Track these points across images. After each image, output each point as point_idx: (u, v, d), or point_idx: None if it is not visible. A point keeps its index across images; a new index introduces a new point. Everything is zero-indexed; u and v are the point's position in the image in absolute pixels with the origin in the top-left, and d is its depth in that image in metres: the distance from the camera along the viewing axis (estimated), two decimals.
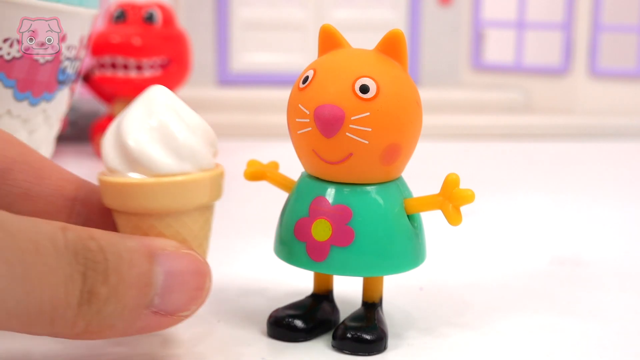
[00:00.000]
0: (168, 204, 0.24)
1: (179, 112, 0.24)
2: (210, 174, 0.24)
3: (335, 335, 0.26)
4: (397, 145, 0.25)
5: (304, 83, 0.26)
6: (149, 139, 0.24)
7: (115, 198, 0.24)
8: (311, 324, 0.27)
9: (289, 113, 0.26)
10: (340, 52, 0.26)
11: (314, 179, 0.27)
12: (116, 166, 0.24)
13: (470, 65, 0.86)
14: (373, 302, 0.27)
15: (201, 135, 0.25)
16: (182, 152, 0.24)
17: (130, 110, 0.25)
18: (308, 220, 0.26)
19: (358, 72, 0.25)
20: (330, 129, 0.25)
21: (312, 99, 0.25)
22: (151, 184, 0.23)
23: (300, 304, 0.28)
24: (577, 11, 0.82)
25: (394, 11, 0.85)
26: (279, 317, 0.27)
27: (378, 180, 0.26)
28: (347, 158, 0.25)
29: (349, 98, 0.24)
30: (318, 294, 0.28)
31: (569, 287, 0.34)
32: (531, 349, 0.27)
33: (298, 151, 0.27)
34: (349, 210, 0.26)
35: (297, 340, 0.27)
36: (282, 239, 0.27)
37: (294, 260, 0.26)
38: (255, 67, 0.84)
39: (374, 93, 0.25)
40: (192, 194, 0.24)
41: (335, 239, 0.25)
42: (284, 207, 0.28)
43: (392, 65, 0.26)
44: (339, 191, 0.26)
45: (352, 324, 0.26)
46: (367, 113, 0.24)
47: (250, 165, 0.29)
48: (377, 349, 0.26)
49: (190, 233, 0.24)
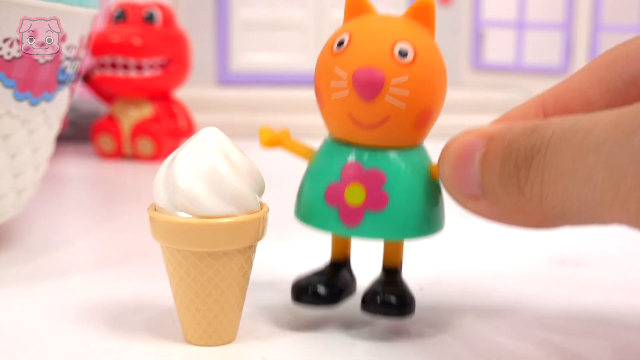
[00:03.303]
0: (211, 244, 0.25)
1: (229, 155, 0.26)
2: (253, 217, 0.25)
3: (364, 300, 0.26)
4: (429, 109, 0.26)
5: (340, 46, 0.26)
6: (198, 182, 0.25)
7: (162, 234, 0.25)
8: (334, 290, 0.27)
9: (320, 77, 0.26)
10: (373, 17, 0.26)
11: (342, 143, 0.27)
12: (165, 204, 0.25)
13: (470, 65, 0.86)
14: (395, 267, 0.28)
15: (248, 178, 0.26)
16: (229, 196, 0.25)
17: (182, 150, 0.26)
18: (340, 184, 0.26)
19: (395, 36, 0.25)
20: (370, 92, 0.25)
21: (350, 62, 0.25)
22: (196, 224, 0.25)
23: (321, 271, 0.28)
24: (577, 11, 0.82)
25: (394, 11, 0.85)
26: (303, 284, 0.27)
27: (407, 145, 0.26)
28: (383, 122, 0.25)
29: (389, 61, 0.25)
30: (336, 261, 0.29)
31: (569, 287, 0.34)
32: (531, 349, 0.27)
33: (330, 115, 0.26)
34: (382, 174, 0.26)
35: (321, 305, 0.27)
36: (309, 205, 0.27)
37: (324, 225, 0.26)
38: (255, 67, 0.84)
39: (411, 57, 0.25)
40: (235, 236, 0.25)
41: (369, 202, 0.26)
42: (308, 172, 0.27)
43: (424, 32, 0.26)
44: (372, 155, 0.26)
45: (379, 289, 0.27)
46: (406, 77, 0.25)
47: (263, 133, 0.29)
48: (408, 312, 0.26)
49: (231, 272, 0.26)
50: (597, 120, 0.20)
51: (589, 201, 0.20)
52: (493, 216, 0.23)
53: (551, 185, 0.21)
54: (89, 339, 0.27)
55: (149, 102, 0.62)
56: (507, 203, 0.22)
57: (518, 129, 0.22)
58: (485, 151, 0.23)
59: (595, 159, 0.19)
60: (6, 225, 0.41)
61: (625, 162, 0.19)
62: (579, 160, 0.20)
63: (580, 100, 0.27)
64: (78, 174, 0.57)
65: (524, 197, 0.22)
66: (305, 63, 0.84)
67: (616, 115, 0.19)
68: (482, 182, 0.23)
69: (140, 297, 0.31)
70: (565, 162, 0.20)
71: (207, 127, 0.26)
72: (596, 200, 0.19)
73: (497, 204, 0.23)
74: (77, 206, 0.50)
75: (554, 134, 0.21)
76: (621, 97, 0.26)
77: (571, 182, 0.20)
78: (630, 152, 0.18)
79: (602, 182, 0.19)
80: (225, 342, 0.27)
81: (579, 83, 0.27)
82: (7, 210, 0.36)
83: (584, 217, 0.21)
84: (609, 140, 0.19)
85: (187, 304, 0.26)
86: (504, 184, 0.22)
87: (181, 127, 0.63)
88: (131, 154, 0.62)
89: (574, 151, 0.20)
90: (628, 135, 0.19)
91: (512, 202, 0.22)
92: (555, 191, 0.21)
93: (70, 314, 0.29)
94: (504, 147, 0.22)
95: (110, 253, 0.38)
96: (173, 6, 0.71)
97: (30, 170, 0.36)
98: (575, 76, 0.27)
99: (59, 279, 0.33)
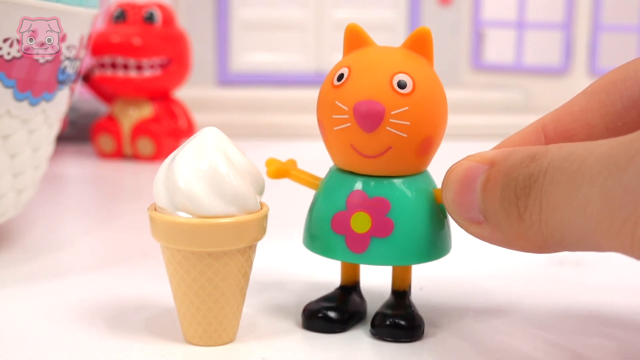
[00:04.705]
0: (211, 244, 0.25)
1: (229, 155, 0.26)
2: (253, 217, 0.26)
3: (373, 323, 0.27)
4: (431, 137, 0.26)
5: (340, 80, 0.26)
6: (198, 182, 0.25)
7: (162, 234, 0.25)
8: (345, 315, 0.28)
9: (322, 110, 0.27)
10: (371, 50, 0.27)
11: (347, 173, 0.27)
12: (165, 204, 0.25)
13: (470, 65, 0.86)
14: (403, 290, 0.28)
15: (248, 178, 0.26)
16: (229, 196, 0.25)
17: (182, 150, 0.26)
18: (346, 213, 0.27)
19: (394, 68, 0.26)
20: (371, 124, 0.25)
21: (350, 95, 0.26)
22: (196, 224, 0.25)
23: (331, 296, 0.29)
24: (577, 11, 0.82)
25: (394, 11, 0.85)
26: (314, 310, 0.28)
27: (411, 172, 0.27)
28: (386, 151, 0.26)
29: (388, 93, 0.25)
30: (346, 285, 0.29)
31: (569, 288, 0.34)
32: (530, 349, 0.27)
33: (333, 147, 0.27)
34: (387, 202, 0.26)
35: (333, 331, 0.27)
36: (316, 233, 0.28)
37: (331, 254, 0.27)
38: (255, 67, 0.84)
39: (410, 88, 0.25)
40: (235, 236, 0.25)
41: (375, 230, 0.26)
42: (315, 202, 0.28)
43: (422, 62, 0.27)
44: (377, 184, 0.27)
45: (388, 312, 0.27)
46: (406, 107, 0.25)
47: (270, 164, 0.29)
48: (417, 335, 0.27)
49: (231, 272, 0.26)
50: (591, 150, 0.20)
51: (585, 230, 0.20)
52: (496, 241, 0.24)
53: (549, 213, 0.21)
54: (89, 339, 0.27)
55: (149, 102, 0.62)
56: (508, 229, 0.23)
57: (517, 157, 0.23)
58: (486, 178, 0.23)
59: (590, 190, 0.20)
60: (6, 225, 0.41)
61: (619, 194, 0.19)
62: (575, 191, 0.20)
63: (580, 124, 0.27)
64: (78, 174, 0.57)
65: (524, 224, 0.22)
66: (305, 63, 0.84)
67: (609, 147, 0.20)
68: (484, 208, 0.23)
69: (140, 297, 0.31)
70: (561, 192, 0.21)
71: (207, 127, 0.26)
72: (592, 230, 0.20)
73: (500, 230, 0.23)
74: (77, 206, 0.50)
75: (551, 162, 0.21)
76: (621, 121, 0.26)
77: (568, 211, 0.21)
78: (622, 185, 0.19)
79: (597, 212, 0.20)
80: (225, 342, 0.27)
81: (578, 107, 0.27)
82: (7, 210, 0.36)
83: (582, 244, 0.21)
84: (603, 173, 0.19)
85: (187, 304, 0.26)
86: (505, 211, 0.23)
87: (181, 127, 0.63)
88: (131, 154, 0.62)
89: (570, 181, 0.20)
90: (621, 168, 0.19)
91: (513, 228, 0.23)
92: (554, 219, 0.21)
93: (70, 314, 0.29)
94: (504, 175, 0.23)
95: (110, 253, 0.38)
96: (173, 6, 0.71)
97: (30, 170, 0.36)
98: (575, 100, 0.27)
99: (59, 279, 0.33)
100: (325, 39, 0.84)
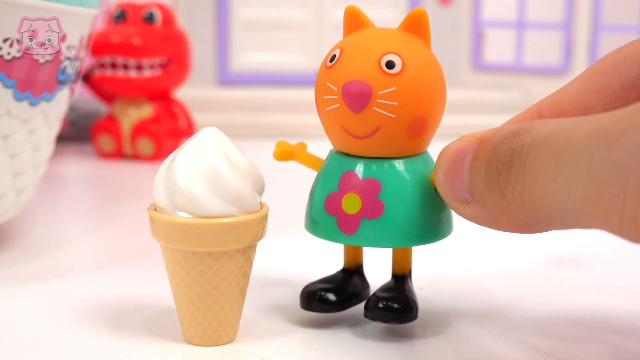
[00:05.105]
0: (211, 244, 0.25)
1: (229, 155, 0.26)
2: (254, 217, 0.26)
3: (367, 305, 0.27)
4: (423, 119, 0.26)
5: (332, 61, 0.26)
6: (198, 182, 0.25)
7: (162, 234, 0.25)
8: (343, 296, 0.28)
9: (317, 91, 0.27)
10: (365, 31, 0.27)
11: (343, 154, 0.27)
12: (165, 204, 0.25)
13: (470, 65, 0.86)
14: (403, 274, 0.28)
15: (248, 178, 0.26)
16: (229, 196, 0.25)
17: (182, 150, 0.26)
18: (338, 194, 0.27)
19: (384, 48, 0.26)
20: (358, 104, 0.25)
21: (340, 76, 0.26)
22: (196, 224, 0.25)
23: (331, 278, 0.29)
24: (577, 11, 0.82)
25: (394, 11, 0.85)
26: (312, 291, 0.28)
27: (405, 154, 0.27)
28: (375, 132, 0.26)
29: (376, 73, 0.25)
30: (348, 268, 0.29)
31: (569, 289, 0.34)
32: (531, 349, 0.27)
33: (327, 128, 0.27)
34: (378, 183, 0.26)
35: (330, 312, 0.28)
36: (312, 215, 0.28)
37: (325, 234, 0.27)
38: (255, 67, 0.84)
39: (399, 68, 0.25)
40: (235, 236, 0.25)
41: (365, 211, 0.26)
42: (314, 184, 0.28)
43: (416, 43, 0.26)
44: (368, 165, 0.27)
45: (383, 295, 0.27)
46: (394, 88, 0.25)
47: (279, 145, 0.30)
48: (409, 318, 0.27)
49: (231, 272, 0.26)
50: (579, 125, 0.20)
51: (570, 207, 0.20)
52: (483, 221, 0.24)
53: (532, 189, 0.21)
54: (89, 339, 0.27)
55: (149, 102, 0.62)
56: (492, 207, 0.23)
57: (502, 133, 0.22)
58: (473, 156, 0.23)
59: (576, 166, 0.19)
60: (6, 225, 0.41)
61: (607, 171, 0.18)
62: (560, 166, 0.20)
63: (577, 106, 0.27)
64: (78, 174, 0.57)
65: (505, 200, 0.22)
66: (305, 63, 0.84)
67: (599, 122, 0.19)
68: (471, 186, 0.23)
69: (140, 297, 0.31)
70: (546, 167, 0.20)
71: (207, 127, 0.26)
72: (577, 207, 0.19)
73: (485, 208, 0.23)
74: (77, 206, 0.50)
75: (535, 137, 0.21)
76: (620, 102, 0.26)
77: (553, 187, 0.20)
78: (611, 162, 0.18)
79: (583, 190, 0.19)
80: (225, 342, 0.27)
81: (576, 89, 0.27)
82: (7, 210, 0.36)
83: (567, 222, 0.21)
84: (591, 148, 0.19)
85: (187, 304, 0.26)
86: (488, 187, 0.22)
87: (181, 127, 0.63)
88: (131, 154, 0.62)
89: (555, 157, 0.20)
90: (610, 144, 0.18)
91: (496, 205, 0.22)
92: (537, 195, 0.21)
93: (70, 314, 0.29)
94: (489, 152, 0.22)
95: (110, 253, 0.38)
96: (173, 6, 0.71)
97: (30, 170, 0.36)
98: (573, 82, 0.27)
99: (59, 279, 0.33)
100: (325, 39, 0.84)
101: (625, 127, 0.18)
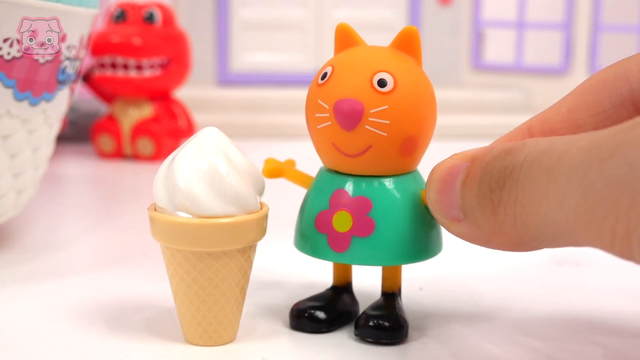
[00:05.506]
0: (211, 244, 0.25)
1: (229, 155, 0.26)
2: (254, 217, 0.26)
3: (357, 324, 0.27)
4: (414, 137, 0.26)
5: (323, 79, 0.26)
6: (198, 182, 0.25)
7: (162, 234, 0.25)
8: (332, 315, 0.28)
9: (308, 109, 0.27)
10: (357, 49, 0.27)
11: (333, 172, 0.27)
12: (165, 204, 0.25)
13: (470, 65, 0.86)
14: (392, 291, 0.28)
15: (248, 178, 0.26)
16: (229, 196, 0.25)
17: (182, 150, 0.26)
18: (329, 212, 0.27)
19: (375, 67, 0.26)
20: (350, 122, 0.25)
21: (332, 93, 0.26)
22: (196, 224, 0.25)
23: (321, 296, 0.29)
24: (577, 11, 0.82)
25: (394, 11, 0.85)
26: (301, 309, 0.28)
27: (396, 172, 0.27)
28: (366, 150, 0.26)
29: (368, 92, 0.25)
30: (338, 286, 0.29)
31: (569, 289, 0.34)
32: (530, 349, 0.27)
33: (317, 145, 0.27)
34: (369, 202, 0.26)
35: (320, 331, 0.27)
36: (302, 232, 0.28)
37: (315, 252, 0.27)
38: (255, 67, 0.84)
39: (391, 87, 0.25)
40: (235, 236, 0.25)
41: (356, 229, 0.26)
42: (304, 201, 0.28)
43: (408, 61, 0.26)
44: (358, 183, 0.27)
45: (373, 313, 0.27)
46: (385, 106, 0.25)
47: (268, 163, 0.30)
48: (399, 336, 0.27)
49: (231, 272, 0.26)
50: (572, 143, 0.20)
51: (562, 225, 0.20)
52: (474, 239, 0.24)
53: (525, 207, 0.21)
54: (89, 339, 0.27)
55: (149, 102, 0.62)
56: (484, 225, 0.23)
57: (495, 151, 0.22)
58: (466, 174, 0.23)
59: (568, 183, 0.19)
60: (6, 225, 0.41)
61: (600, 187, 0.18)
62: (553, 183, 0.20)
63: (567, 125, 0.27)
64: (78, 174, 0.57)
65: (497, 218, 0.22)
66: (305, 63, 0.84)
67: (591, 139, 0.19)
68: (463, 204, 0.23)
69: (140, 297, 0.31)
70: (538, 185, 0.20)
71: (207, 127, 0.26)
72: (570, 225, 0.19)
73: (477, 227, 0.23)
74: (77, 206, 0.50)
75: (528, 156, 0.21)
76: (610, 120, 0.26)
77: (544, 205, 0.20)
78: (604, 178, 0.18)
79: (575, 207, 0.19)
80: (225, 342, 0.27)
81: (567, 107, 0.27)
82: (7, 210, 0.36)
83: (559, 239, 0.21)
84: (584, 165, 0.19)
85: (187, 304, 0.26)
86: (480, 206, 0.22)
87: (181, 127, 0.63)
88: (131, 154, 0.62)
89: (548, 174, 0.20)
90: (602, 161, 0.18)
91: (488, 223, 0.22)
92: (529, 213, 0.21)
93: (70, 314, 0.29)
94: (482, 170, 0.22)
95: (110, 253, 0.38)
96: (173, 6, 0.71)
97: (30, 170, 0.36)
98: (563, 100, 0.27)
99: (59, 279, 0.33)
100: (325, 39, 0.84)
101: (617, 144, 0.18)
